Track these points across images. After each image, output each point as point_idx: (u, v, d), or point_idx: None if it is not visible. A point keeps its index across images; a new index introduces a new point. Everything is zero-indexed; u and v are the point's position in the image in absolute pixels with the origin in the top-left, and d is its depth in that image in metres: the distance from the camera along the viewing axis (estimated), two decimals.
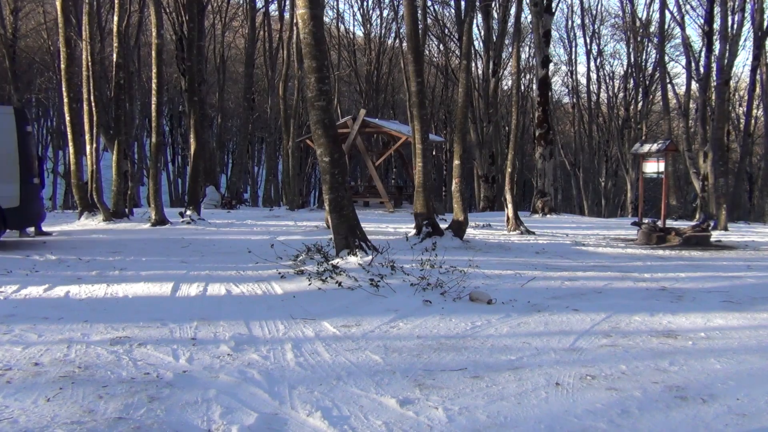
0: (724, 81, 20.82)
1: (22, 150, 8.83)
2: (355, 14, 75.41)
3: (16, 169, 8.78)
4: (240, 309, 5.73)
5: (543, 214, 19.92)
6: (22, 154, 8.83)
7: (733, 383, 3.97)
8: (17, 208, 8.76)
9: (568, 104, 41.61)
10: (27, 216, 8.95)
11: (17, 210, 8.77)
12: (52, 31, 27.90)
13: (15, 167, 8.77)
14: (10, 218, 8.81)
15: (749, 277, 8.18)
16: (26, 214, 8.87)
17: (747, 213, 32.29)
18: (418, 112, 12.10)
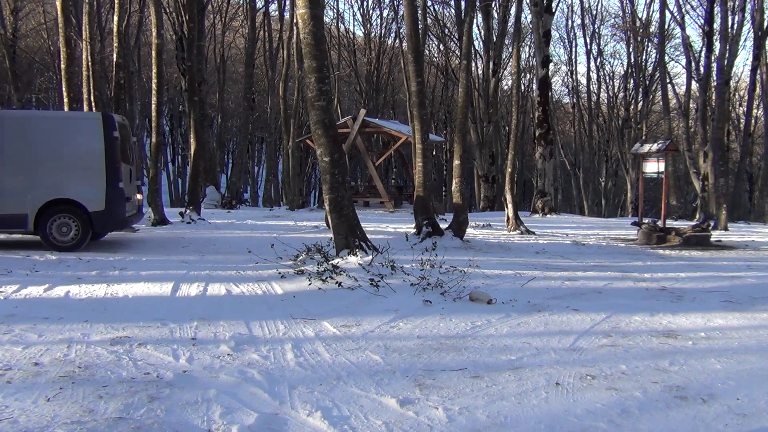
0: (724, 81, 20.80)
1: (108, 155, 9.02)
2: (355, 14, 75.41)
3: (103, 174, 8.98)
4: (240, 309, 5.73)
5: (543, 214, 19.91)
6: (108, 159, 9.03)
7: (733, 383, 3.97)
8: (103, 212, 8.97)
9: (568, 104, 41.60)
10: (112, 219, 9.14)
11: (103, 213, 8.98)
12: (52, 31, 27.89)
13: (101, 172, 8.97)
14: (96, 222, 9.01)
15: (749, 277, 8.18)
16: (112, 217, 9.05)
17: (747, 213, 32.28)
18: (418, 112, 12.10)
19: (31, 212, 8.81)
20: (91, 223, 8.96)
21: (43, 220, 8.85)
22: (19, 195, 8.84)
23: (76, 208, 8.91)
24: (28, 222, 8.83)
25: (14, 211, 8.80)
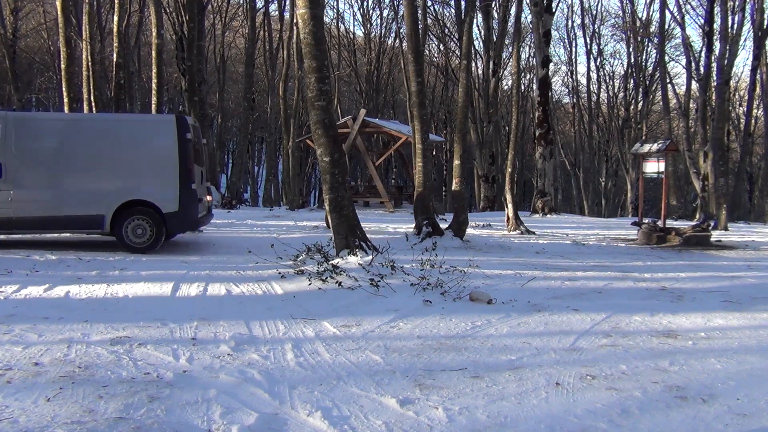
0: (724, 81, 20.81)
1: (182, 157, 9.11)
2: (355, 14, 75.52)
3: (176, 175, 9.06)
4: (240, 309, 5.73)
5: (543, 214, 19.91)
6: (181, 160, 9.11)
7: (733, 383, 3.98)
8: (176, 213, 9.06)
9: (568, 104, 41.60)
10: (185, 220, 9.20)
11: (176, 215, 9.07)
12: (52, 31, 27.90)
13: (175, 173, 9.06)
14: (170, 223, 9.12)
15: (749, 277, 8.18)
16: (185, 218, 9.13)
17: (747, 213, 32.28)
18: (418, 112, 12.10)
19: (108, 213, 8.95)
20: (165, 225, 9.08)
21: (119, 221, 8.99)
22: (96, 197, 8.96)
23: (151, 210, 9.03)
24: (105, 223, 8.97)
25: (92, 212, 8.94)
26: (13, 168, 8.79)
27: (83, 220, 8.99)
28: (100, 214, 8.94)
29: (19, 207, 8.78)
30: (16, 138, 8.84)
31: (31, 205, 8.84)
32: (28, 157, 8.89)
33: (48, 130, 9.20)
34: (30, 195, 8.84)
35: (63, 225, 9.09)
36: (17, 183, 8.79)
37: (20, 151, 8.84)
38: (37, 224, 9.00)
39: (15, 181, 8.78)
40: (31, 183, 8.90)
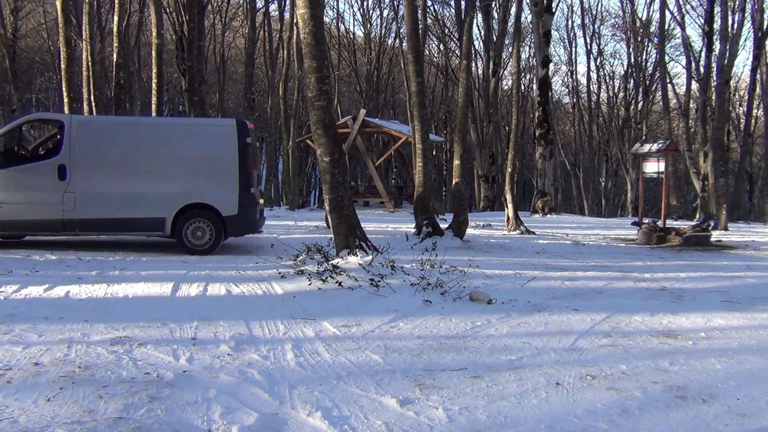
0: (724, 81, 20.81)
1: (242, 161, 9.20)
2: (355, 14, 75.51)
3: (236, 179, 9.15)
4: (240, 309, 5.73)
5: (543, 214, 19.91)
6: (241, 164, 9.20)
7: (734, 383, 3.98)
8: (236, 216, 9.14)
9: (568, 104, 41.60)
10: (245, 224, 9.27)
11: (236, 218, 9.15)
12: (52, 31, 27.89)
13: (235, 177, 9.14)
14: (230, 226, 9.19)
15: (749, 277, 8.18)
16: (244, 221, 9.20)
17: (747, 213, 32.30)
18: (418, 112, 12.11)
19: (169, 216, 9.05)
20: (225, 227, 9.16)
21: (179, 223, 9.08)
22: (157, 199, 9.06)
23: (211, 213, 9.12)
24: (166, 225, 9.07)
25: (153, 214, 9.05)
26: (76, 170, 8.91)
27: (145, 223, 9.12)
28: (162, 216, 9.05)
29: (82, 209, 8.89)
30: (80, 141, 8.96)
31: (94, 207, 8.94)
32: (91, 159, 9.00)
33: (111, 133, 9.32)
34: (93, 197, 8.92)
35: (124, 227, 9.20)
36: (80, 185, 8.90)
37: (83, 153, 8.95)
38: (99, 226, 9.11)
39: (78, 183, 8.90)
40: (94, 185, 8.96)
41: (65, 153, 8.90)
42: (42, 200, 8.85)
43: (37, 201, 8.86)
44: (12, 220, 8.82)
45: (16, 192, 8.84)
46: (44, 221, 8.92)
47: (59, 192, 8.82)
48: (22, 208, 8.84)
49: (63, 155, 8.90)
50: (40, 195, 8.86)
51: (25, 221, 8.91)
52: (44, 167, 8.95)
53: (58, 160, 8.90)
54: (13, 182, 8.88)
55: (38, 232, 9.28)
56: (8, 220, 8.81)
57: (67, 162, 8.88)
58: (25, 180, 8.94)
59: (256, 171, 9.79)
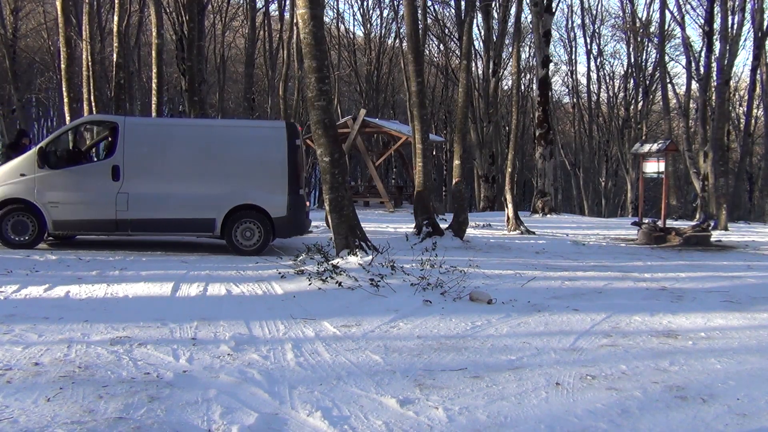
0: (724, 81, 20.81)
1: (291, 163, 9.27)
2: (355, 14, 75.40)
3: (286, 181, 9.20)
4: (240, 309, 5.73)
5: (543, 214, 19.91)
6: (291, 166, 9.27)
7: (734, 383, 3.98)
8: (285, 218, 9.20)
9: (568, 104, 41.61)
10: (293, 225, 9.33)
11: (285, 219, 9.21)
12: (52, 31, 27.89)
13: (284, 179, 9.20)
14: (278, 227, 9.26)
15: (749, 277, 8.19)
16: (293, 223, 9.25)
17: (747, 213, 32.29)
18: (418, 112, 12.10)
19: (219, 217, 9.15)
20: (274, 229, 9.23)
21: (229, 224, 9.17)
22: (208, 200, 9.15)
23: (260, 214, 9.19)
24: (216, 226, 9.18)
25: (204, 215, 9.16)
26: (129, 171, 9.04)
27: (195, 224, 9.22)
28: (212, 217, 9.15)
29: (135, 209, 9.01)
30: (133, 142, 9.10)
31: (146, 208, 9.05)
32: (144, 161, 9.13)
33: (163, 134, 9.44)
34: (145, 198, 9.04)
35: (175, 227, 9.30)
36: (133, 186, 9.03)
37: (136, 155, 9.09)
38: (151, 226, 9.22)
39: (131, 184, 9.03)
40: (146, 186, 9.08)
41: (119, 154, 9.05)
42: (96, 200, 9.02)
43: (91, 201, 9.04)
44: (67, 219, 8.99)
45: (70, 192, 9.01)
46: (98, 221, 9.07)
47: (113, 192, 8.97)
48: (76, 207, 9.00)
49: (117, 156, 9.05)
50: (94, 195, 9.03)
51: (79, 221, 9.07)
52: (98, 168, 9.19)
53: (112, 161, 9.06)
54: (68, 183, 9.06)
55: (91, 232, 9.41)
56: (63, 220, 8.98)
57: (121, 163, 9.03)
58: (79, 180, 9.12)
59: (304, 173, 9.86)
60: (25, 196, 8.89)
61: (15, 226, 8.90)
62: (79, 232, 9.40)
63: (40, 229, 8.95)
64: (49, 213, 8.89)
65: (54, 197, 8.91)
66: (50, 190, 8.93)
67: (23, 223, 8.91)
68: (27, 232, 8.92)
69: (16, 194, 8.89)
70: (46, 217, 8.89)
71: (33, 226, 8.92)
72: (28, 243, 8.91)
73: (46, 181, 8.93)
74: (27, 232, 8.92)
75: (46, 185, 8.93)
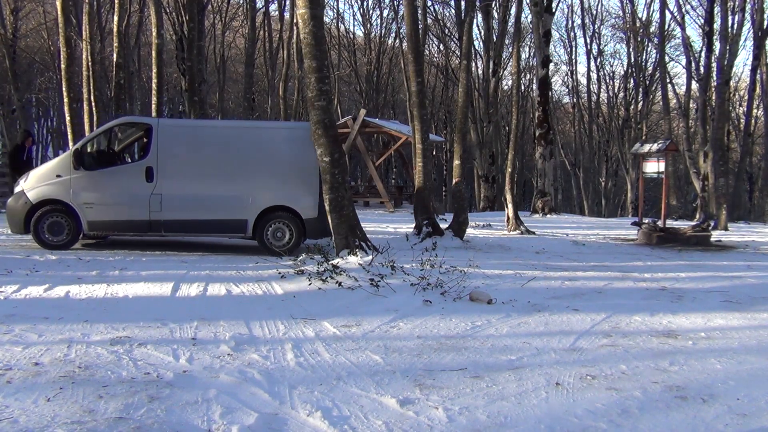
0: (724, 81, 20.80)
1: None
2: (355, 14, 75.43)
3: (316, 183, 9.14)
4: (240, 309, 5.73)
5: (543, 214, 19.91)
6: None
7: (734, 383, 3.98)
8: (315, 219, 9.21)
9: (568, 104, 41.61)
10: (323, 227, 9.20)
11: (315, 221, 9.22)
12: (52, 31, 27.89)
13: (315, 181, 9.14)
14: (309, 228, 9.29)
15: (749, 277, 8.19)
16: (323, 224, 9.14)
17: (747, 213, 32.28)
18: (418, 112, 12.10)
19: (251, 218, 9.22)
20: (304, 230, 9.27)
21: (260, 225, 9.23)
22: (240, 202, 9.22)
23: (291, 215, 9.23)
24: (248, 227, 9.25)
25: (236, 216, 9.21)
26: (163, 173, 9.10)
27: (227, 225, 9.27)
28: (244, 218, 9.21)
29: (168, 210, 9.08)
30: (167, 144, 9.16)
31: (179, 209, 9.11)
32: (177, 162, 9.19)
33: (196, 136, 9.47)
34: (178, 199, 9.10)
35: (208, 229, 9.35)
36: (166, 187, 9.09)
37: (170, 156, 9.15)
38: (184, 227, 9.28)
39: (164, 185, 9.09)
40: (179, 187, 9.13)
41: (152, 155, 9.11)
42: (130, 201, 9.09)
43: (125, 202, 9.11)
44: (101, 220, 9.07)
45: (105, 193, 9.08)
46: (131, 222, 9.14)
47: (146, 193, 9.04)
48: (110, 208, 9.08)
49: (150, 157, 9.12)
50: (128, 196, 9.10)
51: (113, 221, 9.14)
52: (132, 169, 9.26)
53: (146, 162, 9.12)
54: (102, 184, 9.12)
55: (125, 232, 9.44)
56: (97, 220, 9.05)
57: (154, 164, 9.09)
58: (114, 182, 9.18)
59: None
60: (61, 197, 8.99)
61: (51, 226, 9.01)
62: (113, 233, 9.43)
63: (76, 229, 9.05)
64: (84, 214, 8.98)
65: (89, 198, 9.01)
66: (85, 191, 9.02)
67: (59, 224, 9.02)
68: (63, 233, 9.03)
69: (52, 195, 8.99)
70: (81, 218, 8.99)
71: (69, 227, 9.03)
72: (63, 244, 9.01)
73: (81, 183, 9.02)
74: (63, 232, 9.03)
75: (81, 186, 9.01)
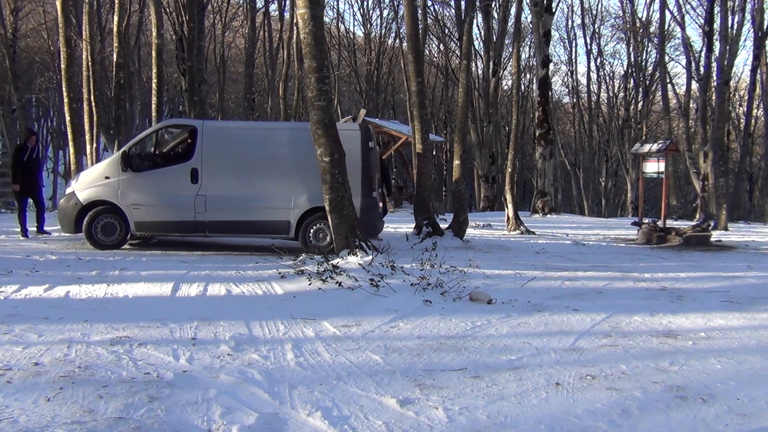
0: (724, 81, 20.80)
1: (364, 165, 9.28)
2: (355, 14, 75.39)
3: (359, 184, 9.16)
4: (240, 309, 5.73)
5: (543, 214, 19.91)
6: (364, 169, 9.29)
7: (734, 383, 3.98)
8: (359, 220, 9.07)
9: (568, 104, 41.61)
10: (366, 228, 9.15)
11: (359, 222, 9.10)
12: (52, 31, 27.86)
13: (357, 182, 9.13)
14: None
15: (749, 277, 8.18)
16: (366, 226, 9.11)
17: (747, 213, 32.30)
18: (418, 112, 12.10)
19: (293, 219, 9.29)
20: None
21: (302, 226, 9.29)
22: (283, 203, 9.27)
23: None
24: (290, 229, 9.33)
25: (279, 217, 9.26)
26: (207, 174, 9.22)
27: (270, 226, 9.33)
28: (287, 220, 9.27)
29: (212, 211, 9.19)
30: (211, 145, 9.28)
31: (223, 210, 9.21)
32: (221, 164, 9.27)
33: (239, 137, 9.49)
34: (222, 200, 9.19)
35: (251, 230, 9.39)
36: (211, 188, 9.20)
37: (214, 157, 9.25)
38: (227, 228, 9.38)
39: (209, 186, 9.21)
40: (224, 189, 9.22)
41: (197, 157, 9.24)
42: (175, 202, 9.23)
43: (170, 203, 9.26)
44: (148, 221, 9.26)
45: (151, 194, 9.25)
46: (177, 222, 9.29)
47: (191, 195, 9.16)
48: (157, 209, 9.26)
49: (195, 159, 9.25)
50: (174, 197, 9.24)
51: (159, 222, 9.31)
52: (178, 171, 9.34)
53: (191, 164, 9.26)
54: (149, 185, 9.28)
55: (171, 233, 9.59)
56: (144, 221, 9.25)
57: (199, 166, 9.22)
58: (159, 183, 9.32)
59: (378, 175, 9.84)
60: (110, 198, 9.20)
61: (104, 228, 9.24)
62: (160, 233, 9.60)
63: (126, 230, 9.26)
64: (131, 214, 9.19)
65: (136, 199, 9.20)
66: (132, 193, 9.21)
67: (111, 225, 9.25)
68: (115, 234, 9.26)
69: (102, 196, 9.21)
70: (128, 219, 9.19)
71: (120, 228, 9.25)
72: (115, 244, 9.24)
73: (128, 184, 9.22)
74: (115, 233, 9.26)
75: (128, 188, 9.21)
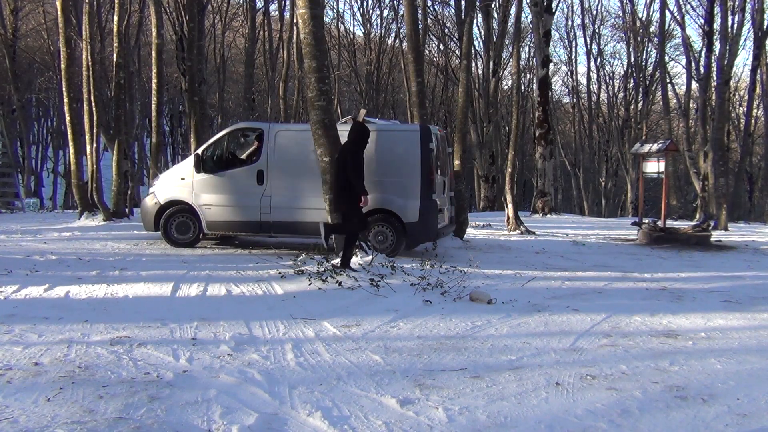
0: (724, 81, 20.78)
1: (424, 167, 9.06)
2: (355, 14, 75.27)
3: (418, 186, 9.04)
4: (240, 309, 5.73)
5: (543, 214, 19.90)
6: (423, 171, 9.10)
7: (734, 383, 3.98)
8: (417, 223, 8.99)
9: (568, 104, 41.59)
10: (425, 231, 9.12)
11: (417, 224, 8.99)
12: (52, 31, 27.84)
13: (417, 184, 9.01)
14: (411, 233, 9.10)
15: (749, 277, 8.19)
16: (425, 229, 9.06)
17: (747, 213, 32.29)
18: (418, 112, 12.08)
19: None
20: (405, 234, 9.07)
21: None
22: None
23: (393, 218, 9.06)
24: None
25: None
26: (272, 175, 9.37)
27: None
28: None
29: (276, 212, 9.33)
30: (276, 147, 9.40)
31: (286, 211, 9.32)
32: (286, 165, 9.36)
33: (303, 140, 9.39)
34: (285, 201, 9.30)
35: (312, 231, 9.23)
36: (276, 189, 9.34)
37: (279, 159, 9.38)
38: (290, 229, 9.48)
39: (273, 187, 9.35)
40: (287, 190, 9.34)
41: (263, 159, 9.41)
42: (243, 203, 9.45)
43: (238, 204, 9.48)
44: (218, 220, 9.56)
45: (221, 195, 9.51)
46: (244, 222, 9.53)
47: (257, 195, 9.35)
48: (226, 209, 9.51)
49: (261, 161, 9.42)
50: (241, 198, 9.45)
51: (228, 222, 9.58)
52: (246, 172, 9.56)
53: (257, 166, 9.44)
54: (219, 186, 9.54)
55: (239, 232, 9.87)
56: (215, 221, 9.55)
57: (265, 167, 9.37)
58: (228, 184, 9.55)
59: (443, 177, 9.75)
60: (185, 198, 9.57)
61: (179, 226, 9.64)
62: (229, 232, 9.87)
63: (199, 229, 9.60)
64: (203, 214, 9.50)
65: (207, 200, 9.49)
66: (204, 193, 9.51)
67: (186, 224, 9.64)
68: (189, 232, 9.64)
69: (177, 196, 9.60)
70: (201, 218, 9.51)
71: (194, 227, 9.62)
72: (189, 242, 9.63)
73: (201, 185, 9.53)
74: (189, 231, 9.65)
75: (201, 188, 9.52)
